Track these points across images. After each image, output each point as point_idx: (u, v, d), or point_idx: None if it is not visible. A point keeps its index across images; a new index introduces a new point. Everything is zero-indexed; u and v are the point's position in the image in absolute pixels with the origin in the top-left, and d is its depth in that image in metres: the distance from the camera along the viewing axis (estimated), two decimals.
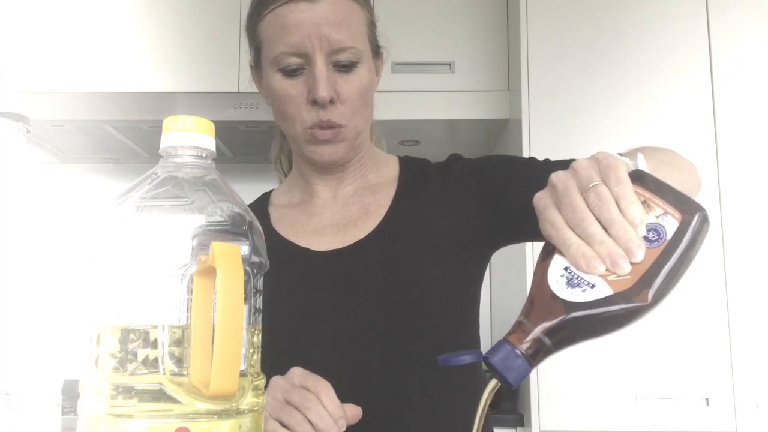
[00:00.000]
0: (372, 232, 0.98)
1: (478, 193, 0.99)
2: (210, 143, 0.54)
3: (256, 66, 1.00)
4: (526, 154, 1.99)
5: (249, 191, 1.12)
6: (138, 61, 2.28)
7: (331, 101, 0.92)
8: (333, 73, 0.92)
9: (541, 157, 1.03)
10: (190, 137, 0.53)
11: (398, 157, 1.10)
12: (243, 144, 2.43)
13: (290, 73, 0.93)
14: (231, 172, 2.65)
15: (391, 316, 0.93)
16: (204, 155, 0.54)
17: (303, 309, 0.95)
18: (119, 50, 2.29)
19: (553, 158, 2.02)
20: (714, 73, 2.02)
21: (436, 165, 1.07)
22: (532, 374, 1.90)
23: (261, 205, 1.08)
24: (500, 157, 1.07)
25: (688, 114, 2.00)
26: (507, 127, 2.27)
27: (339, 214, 1.02)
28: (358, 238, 0.97)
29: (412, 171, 1.06)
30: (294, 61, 0.92)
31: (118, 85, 2.25)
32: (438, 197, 1.01)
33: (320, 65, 0.91)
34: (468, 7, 2.30)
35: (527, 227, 0.99)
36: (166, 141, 0.54)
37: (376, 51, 1.01)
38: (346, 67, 0.93)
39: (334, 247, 0.98)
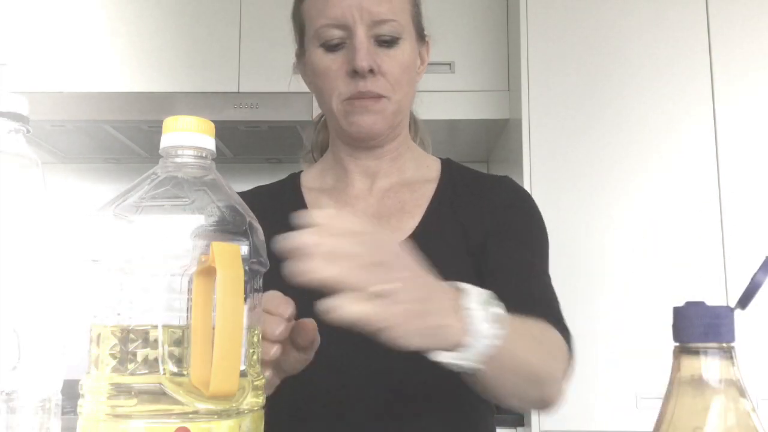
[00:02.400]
0: (406, 237, 0.96)
1: (497, 227, 0.98)
2: (210, 143, 0.54)
3: (300, 54, 1.01)
4: (526, 155, 1.99)
5: None
6: (138, 61, 2.28)
7: (372, 71, 0.92)
8: (374, 47, 0.92)
9: (540, 158, 1.03)
10: (190, 137, 0.53)
11: (440, 159, 1.08)
12: (243, 144, 2.43)
13: (331, 47, 0.93)
14: (231, 172, 2.65)
15: None
16: (204, 155, 0.54)
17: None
18: (119, 50, 2.29)
19: (553, 159, 2.01)
20: (714, 73, 2.02)
21: (483, 177, 1.05)
22: None
23: (293, 188, 1.06)
24: (536, 220, 1.02)
25: (688, 114, 2.00)
26: (507, 127, 2.27)
27: (373, 208, 1.00)
28: None
29: (453, 175, 1.04)
30: (335, 33, 0.92)
31: (118, 85, 2.25)
32: (473, 211, 0.99)
33: (360, 36, 0.91)
34: (468, 7, 2.30)
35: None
36: (166, 141, 0.54)
37: (421, 35, 1.00)
38: (388, 42, 0.93)
39: None
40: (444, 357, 0.65)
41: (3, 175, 0.51)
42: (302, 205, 1.02)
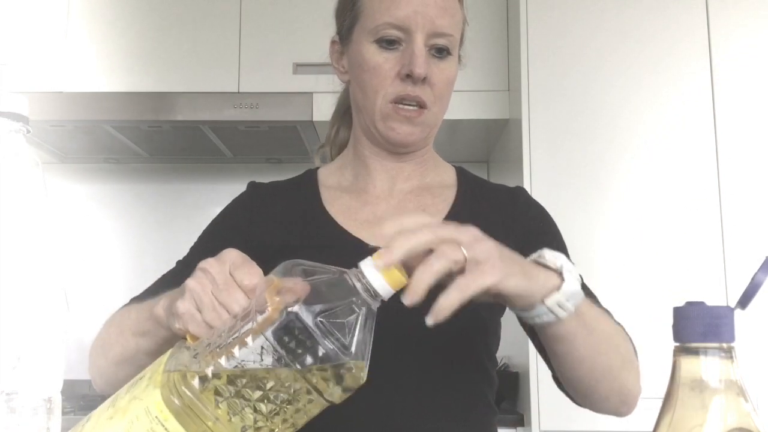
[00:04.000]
0: None
1: (518, 242, 1.00)
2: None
3: (343, 38, 1.01)
4: (526, 155, 1.99)
5: None
6: (138, 61, 2.28)
7: (423, 80, 0.93)
8: (428, 56, 0.94)
9: (540, 158, 1.04)
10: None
11: (454, 166, 1.10)
12: (243, 144, 2.43)
13: (386, 45, 0.94)
14: (231, 172, 2.65)
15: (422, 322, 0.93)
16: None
17: None
18: (119, 50, 2.29)
19: (553, 159, 2.01)
20: (714, 73, 2.02)
21: (496, 186, 1.07)
22: (532, 374, 1.90)
23: (310, 184, 1.05)
24: (554, 228, 1.05)
25: (688, 114, 2.00)
26: (507, 127, 2.27)
27: (394, 209, 1.01)
28: None
29: (470, 183, 1.06)
30: (393, 33, 0.93)
31: (118, 85, 2.25)
32: (490, 218, 1.00)
33: (419, 43, 0.92)
34: (468, 8, 2.29)
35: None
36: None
37: (459, 55, 1.02)
38: (441, 54, 0.95)
39: None
40: (548, 302, 0.69)
41: (3, 175, 0.51)
42: (319, 202, 1.02)
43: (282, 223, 1.00)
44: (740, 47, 2.02)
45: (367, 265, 0.57)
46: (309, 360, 0.52)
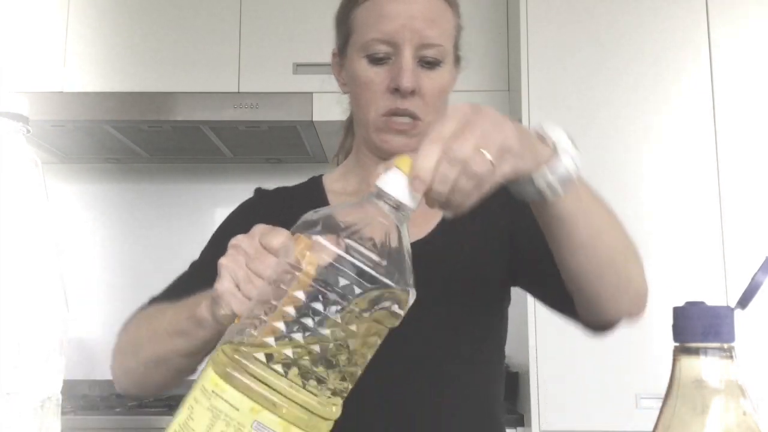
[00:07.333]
0: (429, 233, 1.00)
1: (504, 224, 1.02)
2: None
3: (341, 53, 1.02)
4: None
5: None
6: (138, 61, 2.28)
7: (412, 93, 0.94)
8: (417, 68, 0.94)
9: None
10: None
11: None
12: (243, 144, 2.43)
13: (376, 60, 0.95)
14: (231, 172, 2.65)
15: (439, 314, 0.95)
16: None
17: None
18: (119, 50, 2.29)
19: None
20: (714, 73, 2.02)
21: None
22: (532, 374, 1.90)
23: (317, 190, 1.08)
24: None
25: (688, 114, 2.00)
26: None
27: None
28: (418, 237, 0.99)
29: None
30: (382, 48, 0.94)
31: (118, 85, 2.25)
32: (484, 212, 1.03)
33: (407, 56, 0.93)
34: (468, 7, 2.29)
35: (525, 276, 1.00)
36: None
37: (457, 58, 1.03)
38: (430, 64, 0.95)
39: None
40: (539, 177, 0.70)
41: (3, 175, 0.51)
42: (326, 205, 1.03)
43: (291, 227, 1.01)
44: (740, 47, 2.02)
45: (382, 181, 0.59)
46: (357, 293, 0.52)
